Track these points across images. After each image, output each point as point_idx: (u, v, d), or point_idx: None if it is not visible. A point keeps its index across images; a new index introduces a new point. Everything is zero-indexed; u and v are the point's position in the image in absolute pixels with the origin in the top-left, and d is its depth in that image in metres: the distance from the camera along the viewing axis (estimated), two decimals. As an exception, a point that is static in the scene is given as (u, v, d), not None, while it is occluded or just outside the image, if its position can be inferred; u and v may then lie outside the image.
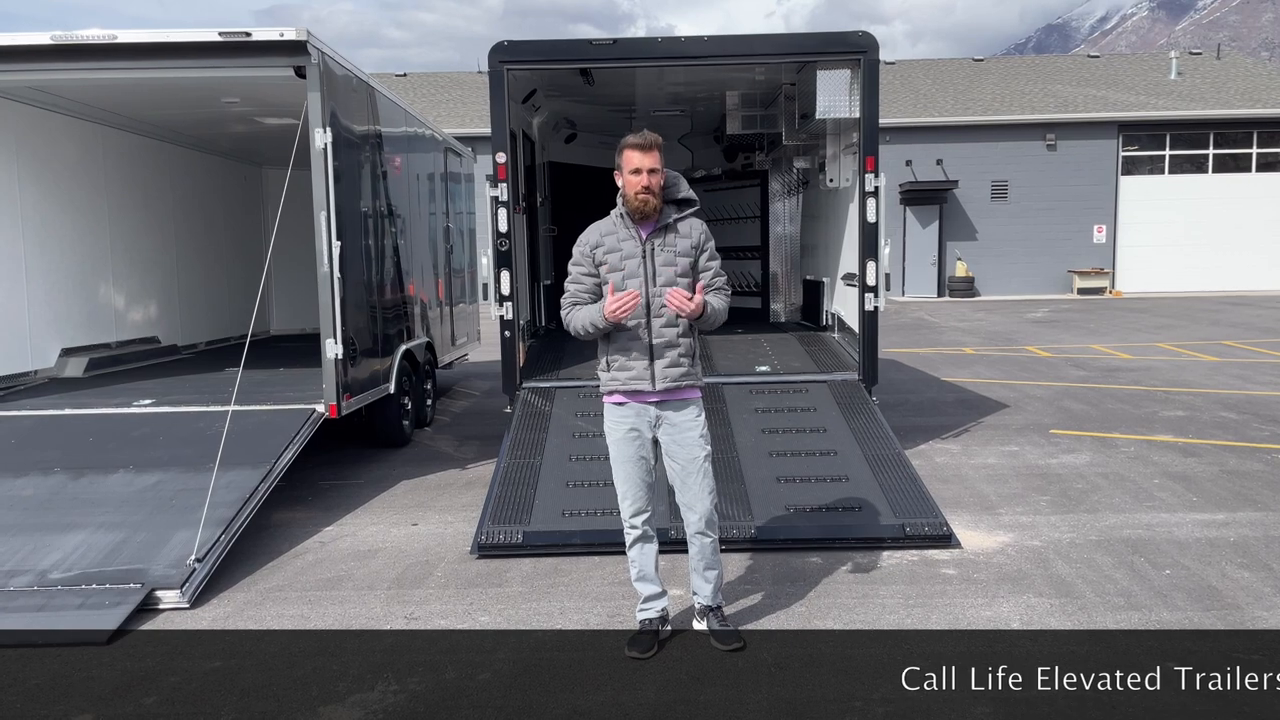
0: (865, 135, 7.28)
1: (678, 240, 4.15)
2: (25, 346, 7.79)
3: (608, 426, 4.23)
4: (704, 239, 4.22)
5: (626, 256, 4.13)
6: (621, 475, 4.19)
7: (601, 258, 4.17)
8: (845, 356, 8.18)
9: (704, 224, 4.28)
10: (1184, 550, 5.36)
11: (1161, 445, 7.96)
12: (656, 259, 4.12)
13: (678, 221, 4.19)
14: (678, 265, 4.14)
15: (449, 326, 10.71)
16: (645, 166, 4.06)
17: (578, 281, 4.23)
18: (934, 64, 34.42)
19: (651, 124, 10.48)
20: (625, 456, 4.17)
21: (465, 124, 24.90)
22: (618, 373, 4.15)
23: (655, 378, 4.10)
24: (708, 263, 4.22)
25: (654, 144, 4.09)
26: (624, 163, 4.11)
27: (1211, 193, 27.75)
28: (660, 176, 4.10)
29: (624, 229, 4.16)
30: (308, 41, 6.34)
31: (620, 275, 4.12)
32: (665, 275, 4.11)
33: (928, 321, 20.24)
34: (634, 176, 4.08)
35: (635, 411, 4.16)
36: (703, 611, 4.30)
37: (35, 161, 7.85)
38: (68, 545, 5.12)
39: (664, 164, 4.14)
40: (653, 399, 4.14)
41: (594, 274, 4.20)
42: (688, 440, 4.16)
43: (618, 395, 4.18)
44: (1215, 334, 16.46)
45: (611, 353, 4.17)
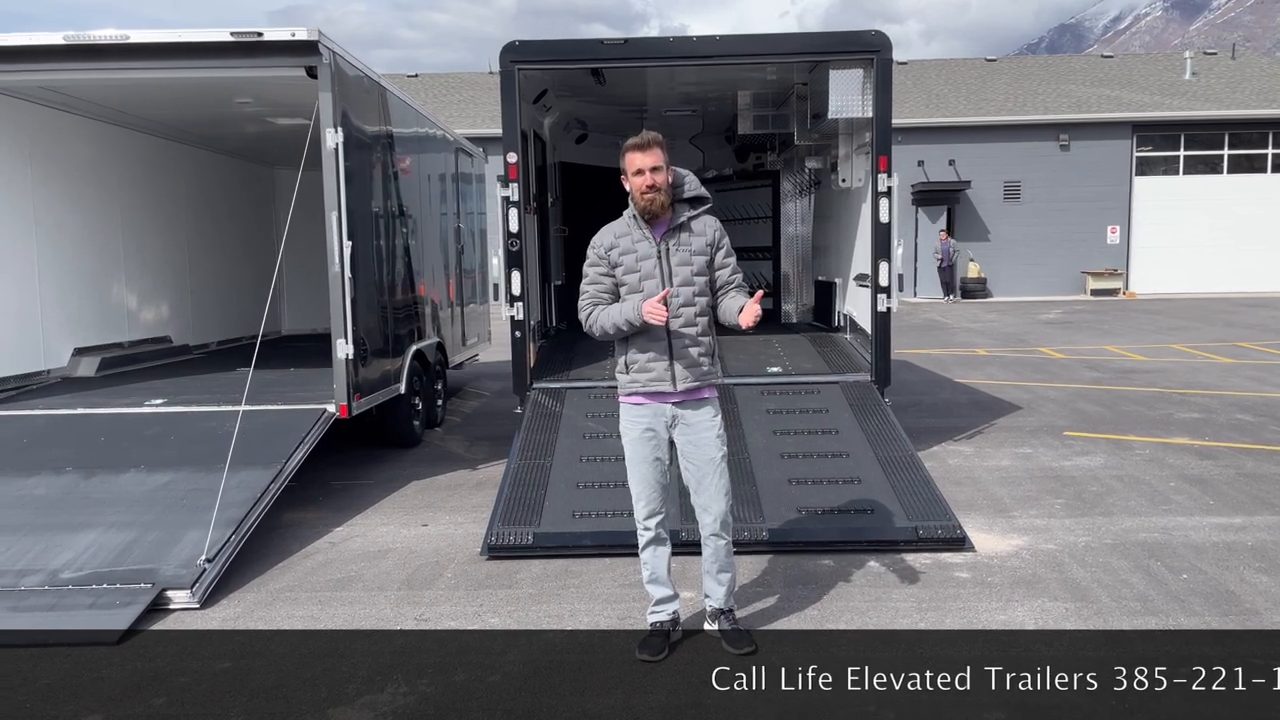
0: (878, 135, 7.25)
1: (692, 239, 4.13)
2: (38, 346, 7.82)
3: (623, 427, 4.20)
4: (718, 236, 4.20)
5: (642, 258, 4.10)
6: (636, 476, 4.16)
7: (616, 259, 4.14)
8: (857, 357, 8.14)
9: (718, 221, 4.26)
10: (1201, 554, 5.30)
11: (1177, 448, 7.89)
12: (672, 259, 4.09)
13: (691, 220, 4.16)
14: (693, 264, 4.11)
15: (460, 327, 10.71)
16: (647, 165, 4.03)
17: (596, 282, 4.18)
18: (946, 64, 34.31)
19: (663, 124, 10.51)
20: (640, 457, 4.14)
21: (476, 124, 24.93)
22: (638, 374, 4.12)
23: (676, 378, 4.07)
24: (724, 260, 4.20)
25: (653, 142, 4.06)
26: (627, 165, 4.10)
27: (1227, 193, 27.57)
28: (665, 174, 4.07)
29: (637, 230, 4.13)
30: (319, 41, 6.34)
31: (636, 277, 4.09)
32: (682, 275, 4.08)
33: (939, 323, 20.16)
34: (638, 177, 4.06)
35: (653, 412, 4.13)
36: (714, 614, 4.27)
37: (48, 162, 7.87)
38: (79, 545, 5.12)
39: (668, 161, 4.11)
40: (673, 400, 4.11)
41: (611, 274, 4.16)
42: (704, 440, 4.13)
43: (637, 396, 4.15)
44: (1230, 335, 16.34)
45: (630, 354, 4.13)
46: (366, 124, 7.29)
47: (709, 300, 4.18)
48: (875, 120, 7.26)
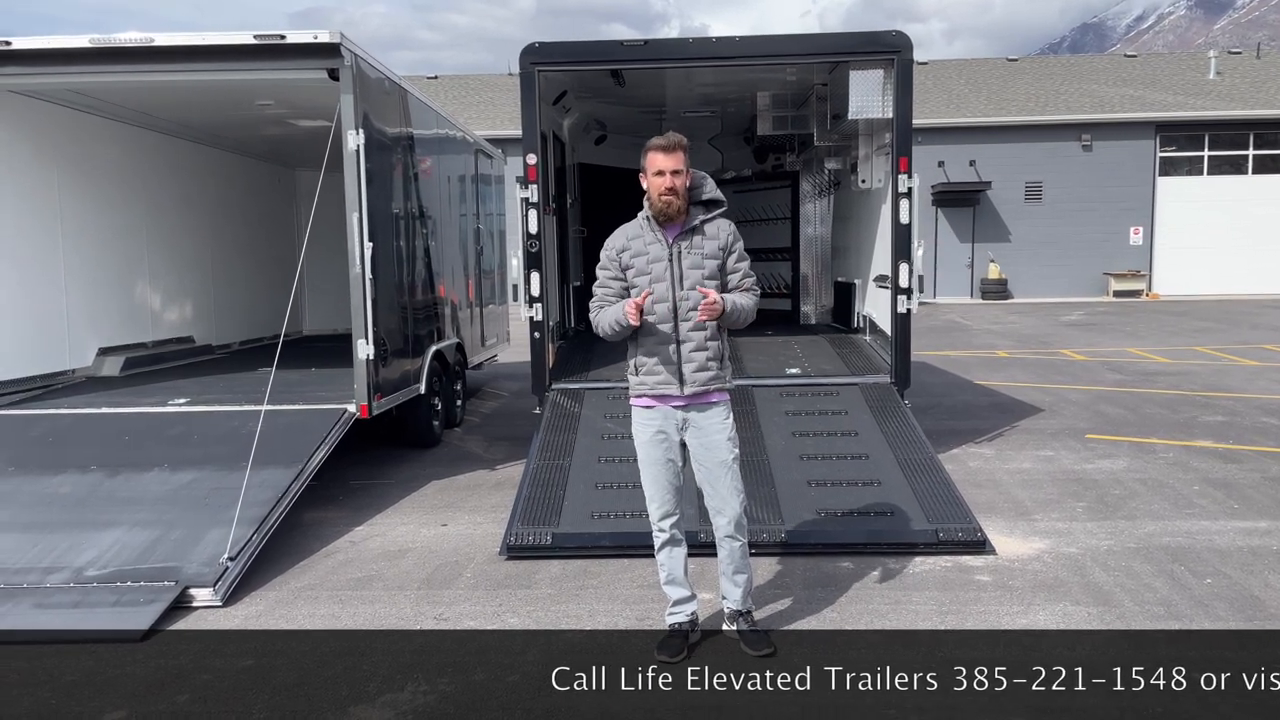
0: (898, 136, 7.21)
1: (705, 242, 4.12)
2: (63, 346, 7.90)
3: (635, 429, 4.23)
4: (731, 240, 4.19)
5: (653, 260, 4.10)
6: (649, 478, 4.17)
7: (628, 261, 4.15)
8: (877, 359, 8.11)
9: (732, 225, 4.24)
10: (1225, 559, 5.25)
11: (1201, 451, 7.81)
12: (684, 261, 4.09)
13: (704, 223, 4.16)
14: (705, 268, 4.10)
15: (479, 327, 10.74)
16: (669, 168, 4.03)
17: (605, 285, 4.22)
18: (967, 64, 34.10)
19: (682, 125, 10.50)
20: (652, 459, 4.15)
21: (496, 126, 24.99)
22: (646, 376, 4.14)
23: (684, 381, 4.08)
24: (736, 264, 4.19)
25: (678, 145, 4.06)
26: (648, 164, 4.10)
27: (1251, 194, 27.24)
28: (685, 178, 4.08)
29: (650, 232, 4.14)
30: (341, 44, 6.37)
31: (647, 279, 4.09)
32: (693, 278, 4.08)
33: (960, 324, 20.04)
34: (658, 178, 4.06)
35: (662, 414, 4.14)
36: (732, 616, 4.27)
37: (73, 163, 7.96)
38: (103, 543, 5.18)
39: (689, 165, 4.11)
40: (680, 403, 4.12)
41: (621, 277, 4.18)
42: (714, 443, 4.13)
43: (646, 398, 4.17)
44: (1255, 338, 16.16)
45: (640, 356, 4.15)
46: (387, 126, 7.33)
47: None
48: (896, 121, 7.23)
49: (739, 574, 4.21)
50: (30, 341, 7.51)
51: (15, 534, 5.32)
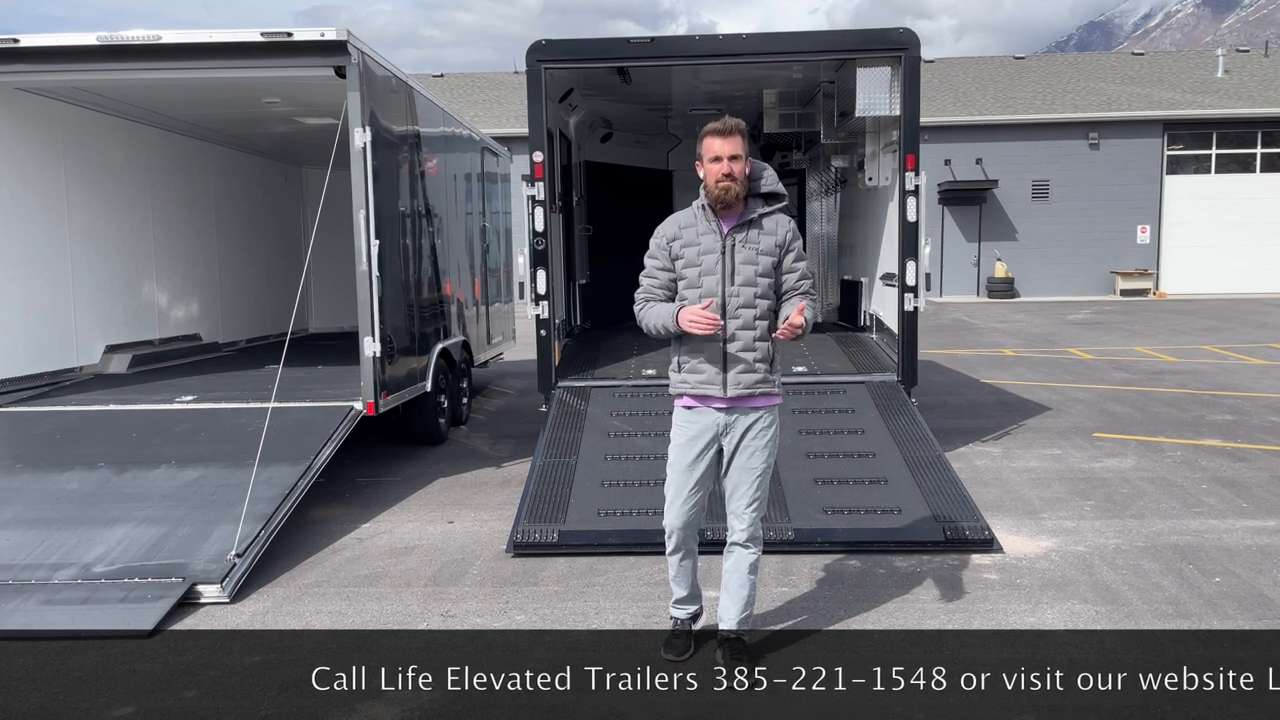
0: (906, 133, 7.20)
1: (761, 237, 3.89)
2: (71, 343, 7.92)
3: (674, 429, 4.01)
4: (790, 238, 3.94)
5: (705, 251, 3.87)
6: (672, 481, 3.98)
7: (678, 251, 3.91)
8: (884, 357, 8.09)
9: (792, 221, 4.01)
10: (1234, 557, 5.23)
11: (1209, 450, 7.78)
12: (736, 256, 3.85)
13: (763, 217, 3.91)
14: (759, 264, 3.86)
15: (485, 325, 10.74)
16: (726, 153, 3.80)
17: (652, 276, 3.99)
18: (974, 62, 34.03)
19: (688, 122, 10.49)
20: (681, 464, 3.94)
21: (502, 124, 24.99)
22: (688, 375, 3.91)
23: (727, 384, 3.85)
24: (794, 264, 3.94)
25: (735, 129, 3.83)
26: (704, 150, 3.87)
27: (1259, 192, 27.15)
28: (743, 164, 3.83)
29: (704, 221, 3.90)
30: (348, 41, 6.38)
31: (696, 271, 3.87)
32: (745, 274, 3.85)
33: (967, 323, 20.00)
34: (715, 164, 3.82)
35: (702, 417, 3.92)
36: (723, 640, 4.00)
37: (81, 161, 7.98)
38: (111, 539, 5.19)
39: (748, 151, 3.88)
40: (721, 404, 3.90)
41: (669, 268, 3.95)
42: (750, 448, 3.91)
43: (687, 398, 3.96)
44: (1263, 336, 16.10)
45: (684, 354, 3.93)
46: (394, 123, 7.33)
47: (771, 304, 3.92)
48: (903, 118, 7.21)
49: (740, 589, 3.97)
50: (37, 339, 7.53)
51: (23, 530, 5.33)
